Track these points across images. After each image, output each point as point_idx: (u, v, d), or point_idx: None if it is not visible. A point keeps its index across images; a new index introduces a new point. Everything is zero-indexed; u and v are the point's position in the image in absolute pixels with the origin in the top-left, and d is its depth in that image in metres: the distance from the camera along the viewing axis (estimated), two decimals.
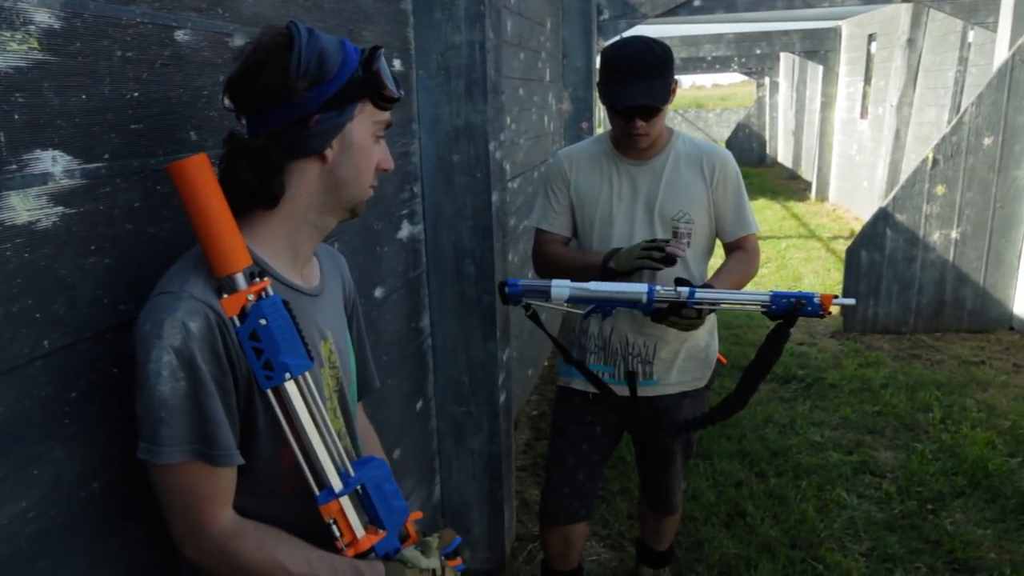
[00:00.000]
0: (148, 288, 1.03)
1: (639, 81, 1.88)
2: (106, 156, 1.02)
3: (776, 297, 1.80)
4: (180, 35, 1.17)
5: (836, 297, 1.78)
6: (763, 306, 1.81)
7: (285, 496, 1.11)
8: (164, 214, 1.14)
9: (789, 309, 1.79)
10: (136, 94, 1.07)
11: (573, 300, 1.82)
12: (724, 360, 2.24)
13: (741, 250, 2.12)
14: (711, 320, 2.17)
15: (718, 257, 2.15)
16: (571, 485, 2.19)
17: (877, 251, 5.33)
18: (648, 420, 2.16)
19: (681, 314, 1.82)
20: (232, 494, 1.03)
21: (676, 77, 1.97)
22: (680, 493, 2.41)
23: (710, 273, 2.15)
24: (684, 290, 1.80)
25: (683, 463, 2.33)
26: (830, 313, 1.79)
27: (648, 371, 2.11)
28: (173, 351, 0.94)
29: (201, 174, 0.99)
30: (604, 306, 1.85)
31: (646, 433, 2.23)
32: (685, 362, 2.13)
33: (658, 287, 1.81)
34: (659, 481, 2.34)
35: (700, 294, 1.81)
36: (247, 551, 1.02)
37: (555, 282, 1.81)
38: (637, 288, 1.81)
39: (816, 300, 1.78)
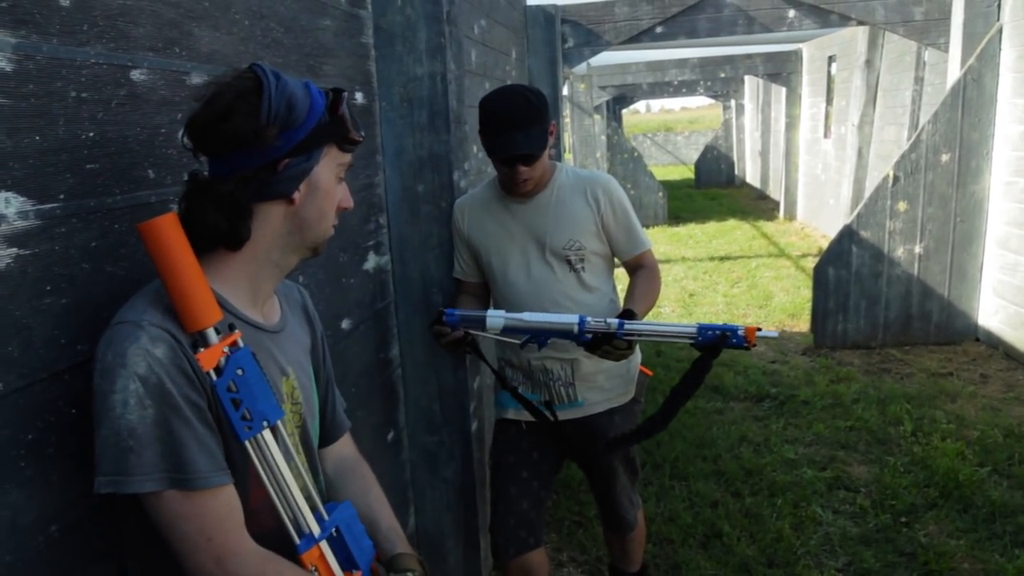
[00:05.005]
0: (107, 327, 1.02)
1: (518, 130, 1.97)
2: (61, 196, 1.02)
3: (703, 329, 1.87)
4: (136, 74, 1.18)
5: (759, 330, 1.85)
6: (691, 338, 1.88)
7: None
8: (122, 252, 1.14)
9: (715, 341, 1.86)
10: (92, 134, 1.08)
11: (507, 330, 1.94)
12: (649, 372, 2.32)
13: (642, 268, 2.22)
14: None
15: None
16: (516, 516, 2.22)
17: (844, 268, 5.42)
18: (581, 441, 2.22)
19: (613, 344, 1.89)
20: (242, 515, 1.03)
21: (643, 102, 2.08)
22: (635, 509, 2.44)
23: (618, 285, 2.27)
24: (614, 321, 1.89)
25: (629, 479, 2.38)
26: (755, 344, 1.86)
27: (572, 393, 2.19)
28: (139, 379, 0.94)
29: (171, 233, 1.00)
30: (539, 336, 1.94)
31: (583, 455, 2.28)
32: (608, 380, 2.21)
33: (589, 318, 1.90)
34: (608, 499, 2.38)
35: (629, 326, 1.89)
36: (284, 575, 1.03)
37: (490, 312, 1.96)
38: (569, 319, 1.91)
39: (740, 332, 1.85)
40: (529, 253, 2.14)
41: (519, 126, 1.97)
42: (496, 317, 1.95)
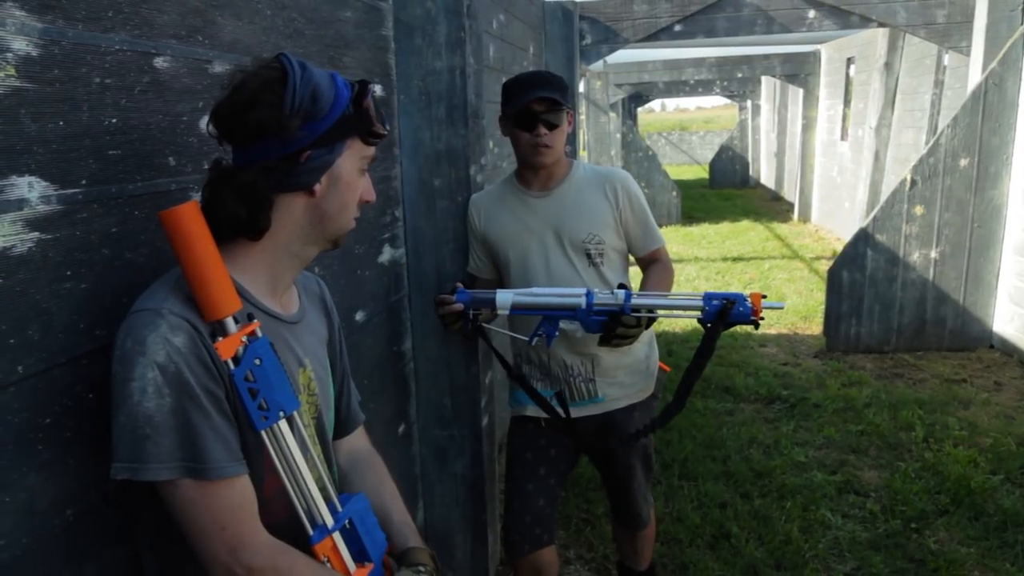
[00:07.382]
0: (125, 313, 1.02)
1: (540, 89, 2.01)
2: (83, 182, 1.03)
3: (708, 297, 1.88)
4: (159, 62, 1.18)
5: (764, 297, 1.86)
6: (697, 310, 1.89)
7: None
8: (141, 239, 1.14)
9: (720, 310, 1.86)
10: (114, 120, 1.08)
11: (517, 307, 1.96)
12: (667, 368, 2.32)
13: (656, 262, 2.24)
14: (648, 332, 2.24)
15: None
16: (532, 513, 2.22)
17: (858, 271, 5.38)
18: (601, 438, 2.21)
19: (622, 322, 1.89)
20: (256, 505, 1.03)
21: (658, 101, 2.08)
22: (648, 507, 2.44)
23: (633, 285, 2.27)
24: (620, 292, 1.91)
25: (645, 476, 2.37)
26: (762, 318, 1.86)
27: (592, 389, 2.17)
28: (157, 367, 0.94)
29: (193, 221, 1.00)
30: (548, 326, 1.95)
31: (601, 451, 2.27)
32: (628, 376, 2.20)
33: (596, 290, 1.93)
34: (624, 496, 2.37)
35: (637, 299, 1.91)
36: (297, 566, 1.02)
37: (500, 291, 1.99)
38: (576, 292, 1.93)
39: (747, 302, 1.85)
40: (548, 246, 2.13)
41: (541, 86, 2.01)
42: (505, 294, 1.98)
